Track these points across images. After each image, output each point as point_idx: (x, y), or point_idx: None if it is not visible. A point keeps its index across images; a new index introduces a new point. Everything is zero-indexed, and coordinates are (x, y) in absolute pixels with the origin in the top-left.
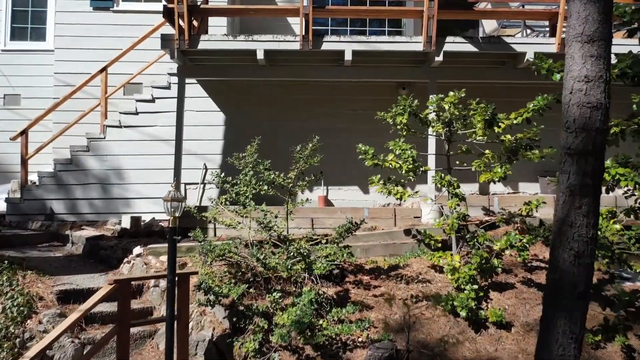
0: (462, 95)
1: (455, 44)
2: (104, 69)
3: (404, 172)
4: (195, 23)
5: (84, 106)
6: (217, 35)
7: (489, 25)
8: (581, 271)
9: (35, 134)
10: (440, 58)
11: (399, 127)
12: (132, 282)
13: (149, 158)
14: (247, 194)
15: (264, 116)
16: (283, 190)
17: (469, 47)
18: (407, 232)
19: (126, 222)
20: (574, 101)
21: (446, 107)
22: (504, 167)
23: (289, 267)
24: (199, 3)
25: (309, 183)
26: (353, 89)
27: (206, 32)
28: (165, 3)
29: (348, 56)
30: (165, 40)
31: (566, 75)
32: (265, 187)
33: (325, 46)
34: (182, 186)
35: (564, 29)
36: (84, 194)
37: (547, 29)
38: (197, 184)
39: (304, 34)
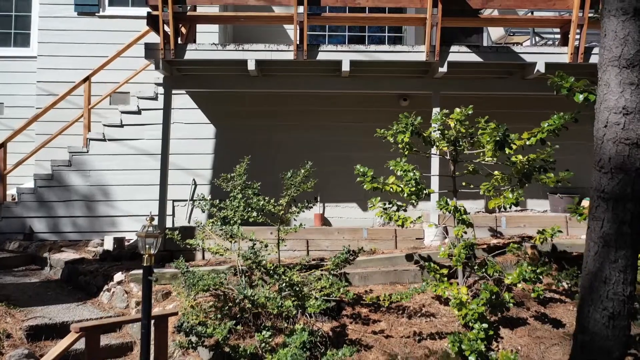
0: (469, 112)
1: (460, 54)
2: (87, 79)
3: (405, 195)
4: (183, 30)
5: (69, 116)
6: (205, 44)
7: (495, 32)
8: (616, 334)
9: (17, 145)
10: (444, 69)
11: (400, 145)
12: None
13: (135, 173)
14: (235, 219)
15: (257, 128)
16: (274, 217)
17: (475, 58)
18: (409, 257)
19: (109, 244)
20: (610, 136)
21: (452, 124)
22: (516, 192)
23: (280, 304)
24: (186, 10)
25: (301, 209)
26: (352, 99)
27: (194, 41)
28: (150, 10)
29: (345, 67)
30: (150, 50)
31: (599, 105)
32: (255, 214)
33: (321, 56)
34: (170, 203)
35: (577, 38)
36: (65, 211)
37: (558, 35)
38: (186, 200)
39: (298, 43)
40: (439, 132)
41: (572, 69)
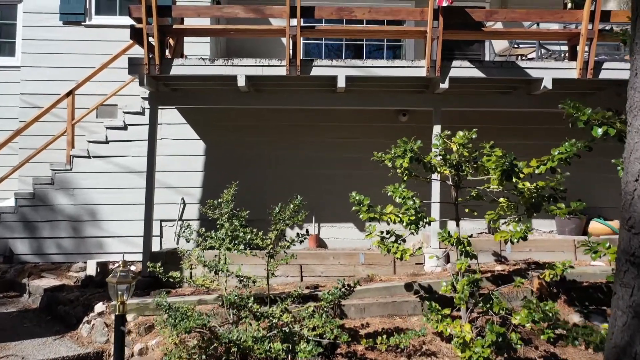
0: (473, 136)
1: (463, 69)
2: (70, 93)
3: (405, 224)
4: (171, 42)
5: (54, 130)
6: (192, 59)
7: (498, 43)
8: None
9: (1, 158)
10: (445, 85)
11: (399, 171)
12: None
13: (121, 192)
14: (221, 250)
15: (250, 144)
16: (262, 251)
17: (478, 73)
18: (409, 286)
19: (92, 268)
20: None
21: (454, 147)
22: (524, 225)
23: (268, 348)
24: (173, 22)
25: (292, 243)
26: (349, 114)
27: (182, 54)
28: (134, 22)
29: (341, 83)
30: (134, 65)
31: (628, 155)
32: (242, 247)
33: (315, 71)
34: (157, 223)
35: (585, 53)
36: (49, 232)
37: (565, 47)
38: (174, 220)
39: (291, 57)
40: (440, 156)
41: (582, 85)
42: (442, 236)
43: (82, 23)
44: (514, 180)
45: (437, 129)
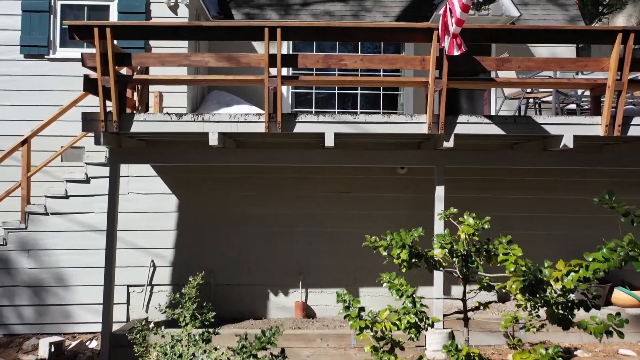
0: (486, 226)
1: (470, 125)
2: (25, 141)
3: (402, 328)
4: (135, 95)
5: (17, 175)
6: (157, 114)
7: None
8: None
9: None
10: (450, 144)
11: (396, 261)
12: None
13: (84, 254)
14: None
15: (228, 200)
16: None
17: (488, 130)
18: None
19: (44, 349)
20: None
21: (461, 235)
22: (551, 347)
23: None
24: (132, 72)
25: None
26: (338, 166)
27: (147, 108)
28: (88, 71)
29: (329, 141)
30: (88, 121)
31: None
32: None
33: (299, 128)
34: (124, 289)
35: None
36: (4, 299)
37: (587, 92)
38: (143, 285)
39: (271, 112)
40: (446, 249)
41: (608, 142)
42: (448, 349)
43: (46, 56)
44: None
45: (440, 190)
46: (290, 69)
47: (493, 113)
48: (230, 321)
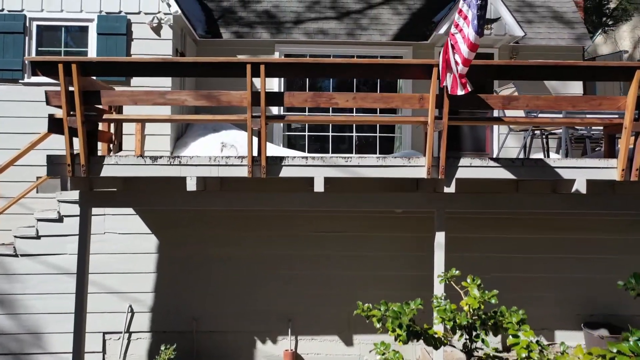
0: (493, 301)
1: (473, 169)
2: None
3: None
4: (112, 127)
5: None
6: (129, 157)
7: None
8: None
9: None
10: (451, 189)
11: (391, 334)
12: None
13: (55, 298)
14: None
15: (211, 240)
16: None
17: (493, 174)
18: None
19: None
20: None
21: (464, 306)
22: None
23: None
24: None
25: None
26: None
27: (120, 147)
28: (54, 110)
29: (319, 187)
30: (54, 165)
31: None
32: None
33: (286, 172)
34: (100, 336)
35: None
36: None
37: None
38: (120, 332)
39: (254, 155)
40: (449, 325)
41: (626, 188)
42: None
43: (20, 81)
44: None
45: (440, 237)
46: (281, 108)
47: (496, 141)
48: None
